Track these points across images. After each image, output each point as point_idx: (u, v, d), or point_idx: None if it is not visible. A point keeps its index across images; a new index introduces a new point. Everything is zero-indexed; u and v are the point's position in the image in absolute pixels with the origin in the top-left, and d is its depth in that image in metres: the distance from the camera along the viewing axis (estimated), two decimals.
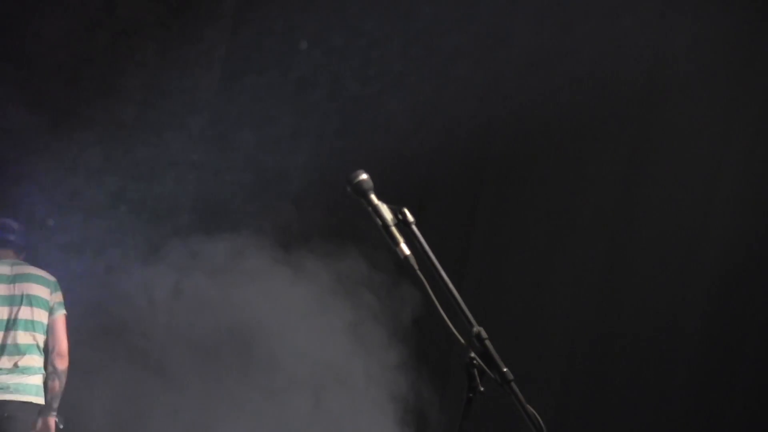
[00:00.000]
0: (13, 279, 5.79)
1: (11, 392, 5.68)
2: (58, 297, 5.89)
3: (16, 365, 5.70)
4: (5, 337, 5.69)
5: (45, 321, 5.81)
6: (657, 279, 6.14)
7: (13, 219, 6.09)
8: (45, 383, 5.84)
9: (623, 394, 6.14)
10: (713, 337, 5.97)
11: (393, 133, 6.87)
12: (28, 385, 5.74)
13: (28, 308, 5.76)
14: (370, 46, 6.99)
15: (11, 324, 5.71)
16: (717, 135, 6.09)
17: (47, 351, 5.84)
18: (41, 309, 5.81)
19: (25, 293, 5.78)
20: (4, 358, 5.68)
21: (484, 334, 2.76)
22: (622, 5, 6.28)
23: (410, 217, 2.86)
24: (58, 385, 5.84)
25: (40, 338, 5.80)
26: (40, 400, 5.79)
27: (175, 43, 7.35)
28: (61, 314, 5.87)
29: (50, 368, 5.82)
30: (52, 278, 5.90)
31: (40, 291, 5.83)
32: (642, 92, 6.33)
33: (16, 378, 5.70)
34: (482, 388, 2.71)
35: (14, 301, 5.73)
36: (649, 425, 6.05)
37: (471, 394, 2.72)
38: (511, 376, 2.73)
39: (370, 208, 2.87)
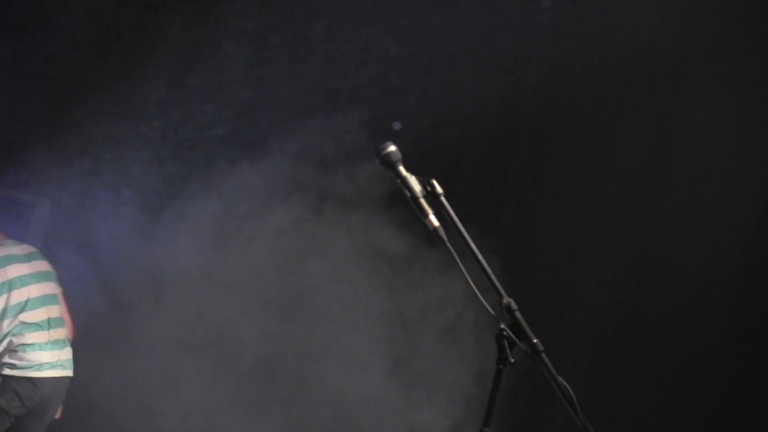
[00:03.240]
0: (28, 258, 5.62)
1: (65, 369, 5.55)
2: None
3: (63, 340, 5.57)
4: (46, 313, 5.53)
5: (59, 294, 5.70)
6: (687, 249, 6.12)
7: None
8: None
9: (654, 366, 6.13)
10: (743, 307, 5.95)
11: (422, 105, 6.84)
12: (70, 361, 5.60)
13: (51, 284, 5.64)
14: (399, 19, 6.96)
15: (48, 299, 5.57)
16: (747, 103, 6.05)
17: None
18: (55, 283, 5.69)
19: (43, 270, 5.64)
20: (51, 332, 5.50)
21: (514, 305, 2.75)
22: None
23: (439, 189, 2.84)
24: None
25: (61, 311, 5.67)
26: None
27: (202, 17, 7.34)
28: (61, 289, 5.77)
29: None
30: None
31: (47, 266, 5.70)
32: (672, 60, 6.29)
33: (64, 354, 5.55)
34: (512, 360, 2.70)
35: (40, 278, 5.59)
36: (679, 396, 6.04)
37: (501, 366, 2.71)
38: (541, 348, 2.71)
39: (398, 180, 2.86)
